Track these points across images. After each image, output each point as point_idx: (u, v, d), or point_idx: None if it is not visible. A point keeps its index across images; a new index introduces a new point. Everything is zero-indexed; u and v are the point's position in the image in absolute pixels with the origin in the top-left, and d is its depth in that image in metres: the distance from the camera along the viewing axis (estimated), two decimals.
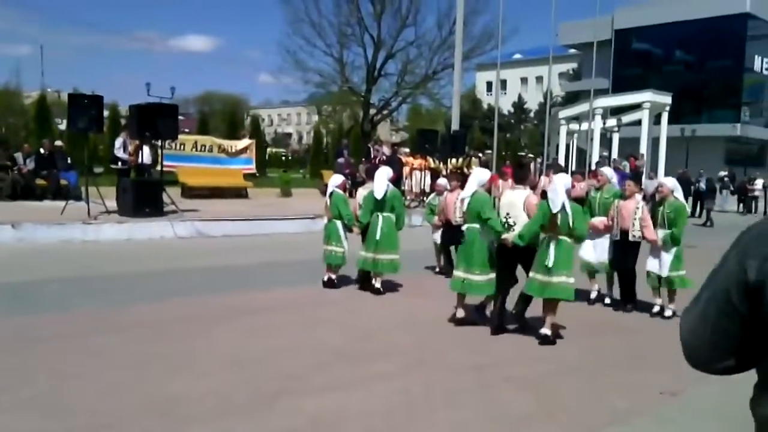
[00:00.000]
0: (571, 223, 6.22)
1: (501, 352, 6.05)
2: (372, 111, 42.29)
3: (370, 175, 8.76)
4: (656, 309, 7.72)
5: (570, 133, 37.91)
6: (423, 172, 20.59)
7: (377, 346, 6.07)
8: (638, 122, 36.40)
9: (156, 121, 13.18)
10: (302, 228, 13.83)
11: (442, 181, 10.72)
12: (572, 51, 54.00)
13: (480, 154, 22.98)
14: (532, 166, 22.22)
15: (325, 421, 4.29)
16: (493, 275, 6.73)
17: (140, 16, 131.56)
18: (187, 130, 28.86)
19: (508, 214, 6.67)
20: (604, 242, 8.13)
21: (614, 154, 34.11)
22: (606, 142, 36.45)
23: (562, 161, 31.28)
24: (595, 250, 8.17)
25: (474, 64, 45.01)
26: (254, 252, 11.30)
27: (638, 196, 8.06)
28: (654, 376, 5.45)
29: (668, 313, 7.58)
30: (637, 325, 7.30)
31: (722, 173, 29.77)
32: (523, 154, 28.91)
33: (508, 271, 6.76)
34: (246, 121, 37.19)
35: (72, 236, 11.57)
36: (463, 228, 7.07)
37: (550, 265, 6.21)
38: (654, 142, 36.67)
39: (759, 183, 27.67)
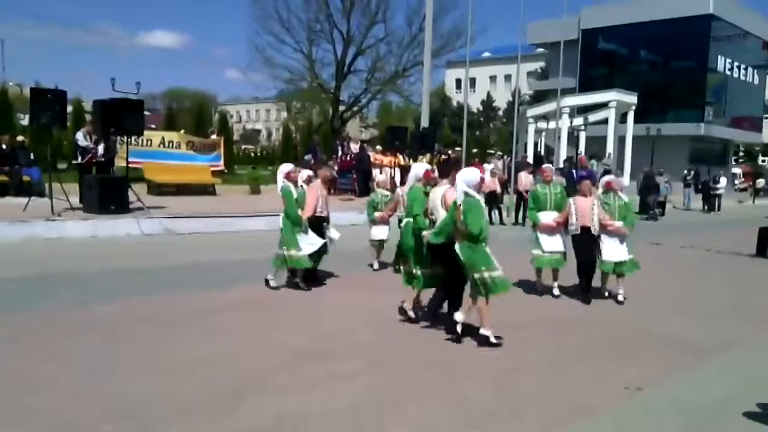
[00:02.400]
0: (462, 218, 6.08)
1: (463, 347, 6.09)
2: (342, 108, 42.23)
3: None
4: (606, 294, 8.46)
5: (538, 132, 38.26)
6: (393, 170, 20.63)
7: (341, 344, 6.06)
8: (605, 121, 36.89)
9: (121, 116, 12.99)
10: (271, 225, 13.70)
11: (381, 177, 10.72)
12: (540, 50, 54.50)
13: (449, 152, 23.08)
14: (500, 163, 22.42)
15: (291, 421, 4.27)
16: (434, 270, 6.78)
17: (106, 11, 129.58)
18: (153, 126, 28.54)
19: (431, 210, 6.76)
20: (557, 238, 8.53)
21: (581, 153, 34.52)
22: (573, 140, 36.86)
23: (531, 159, 31.61)
24: (548, 246, 8.50)
25: (443, 62, 45.18)
26: (221, 250, 11.21)
27: (594, 193, 8.58)
28: (616, 370, 5.55)
29: (621, 297, 8.26)
30: (597, 319, 7.40)
31: (686, 171, 30.31)
32: (492, 151, 29.03)
33: (440, 267, 6.75)
34: (214, 118, 36.85)
35: (35, 233, 11.35)
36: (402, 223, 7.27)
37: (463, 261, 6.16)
38: (620, 141, 37.19)
39: (723, 181, 28.23)
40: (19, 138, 17.77)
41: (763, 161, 61.93)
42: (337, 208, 13.62)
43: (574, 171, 22.14)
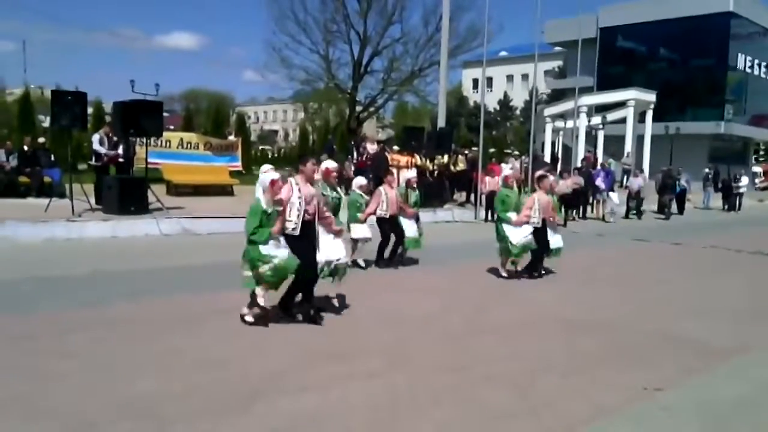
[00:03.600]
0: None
1: (480, 349, 6.07)
2: (358, 108, 42.25)
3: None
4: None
5: (555, 131, 38.07)
6: (409, 170, 20.58)
7: (358, 345, 6.06)
8: (623, 120, 36.63)
9: (140, 117, 13.11)
10: None
11: (361, 180, 10.79)
12: (558, 49, 54.14)
13: (466, 152, 23.02)
14: (518, 163, 22.32)
15: (307, 421, 4.28)
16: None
17: (125, 14, 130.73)
18: (172, 127, 28.73)
19: None
20: (524, 230, 9.59)
21: (600, 152, 34.35)
22: (591, 139, 36.65)
23: (547, 158, 31.46)
24: (515, 238, 9.53)
25: (460, 62, 45.00)
26: (239, 250, 11.24)
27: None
28: (634, 371, 5.51)
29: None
30: (613, 320, 7.35)
31: (706, 170, 30.02)
32: (509, 151, 28.96)
33: None
34: (232, 119, 37.06)
35: (56, 234, 11.49)
36: None
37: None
38: (639, 140, 36.91)
39: (744, 180, 27.92)
40: (40, 140, 18.02)
41: None
42: None
43: (592, 170, 22.06)
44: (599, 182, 20.95)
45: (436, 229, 10.87)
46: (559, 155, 33.68)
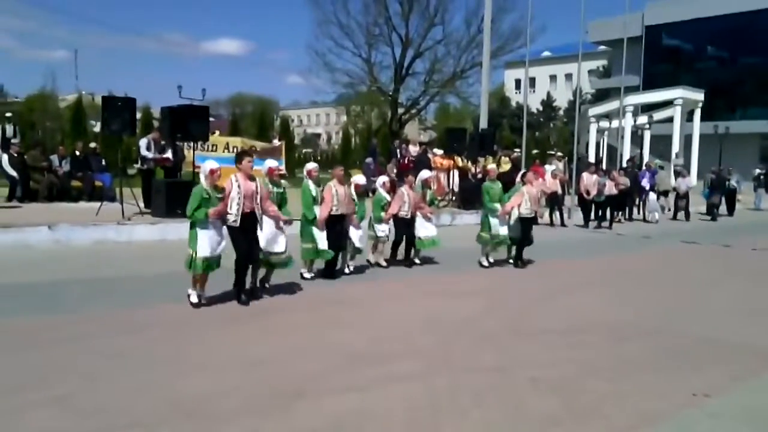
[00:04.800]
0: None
1: (524, 352, 6.04)
2: (400, 110, 42.33)
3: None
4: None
5: (600, 131, 37.55)
6: (451, 172, 20.58)
7: (398, 347, 6.08)
8: (670, 119, 35.93)
9: (187, 122, 13.34)
10: None
11: (384, 178, 10.94)
12: (602, 48, 53.44)
13: (510, 153, 22.87)
14: (561, 164, 22.08)
15: (347, 422, 4.32)
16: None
17: (173, 20, 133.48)
18: (218, 132, 29.18)
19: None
20: (504, 224, 10.46)
21: (646, 152, 33.74)
22: (637, 139, 36.04)
23: (592, 159, 31.01)
24: (498, 229, 10.41)
25: (502, 62, 44.85)
26: None
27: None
28: (682, 377, 5.41)
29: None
30: (657, 326, 7.22)
31: (757, 170, 29.20)
32: (553, 152, 28.64)
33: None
34: (276, 122, 37.50)
35: (106, 237, 11.80)
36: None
37: None
38: (686, 140, 36.17)
39: None
40: (92, 145, 18.50)
41: None
42: None
43: (639, 171, 21.69)
44: (645, 183, 20.61)
45: (479, 230, 10.85)
46: (604, 156, 33.18)
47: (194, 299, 7.31)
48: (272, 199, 7.97)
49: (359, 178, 10.06)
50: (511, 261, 10.96)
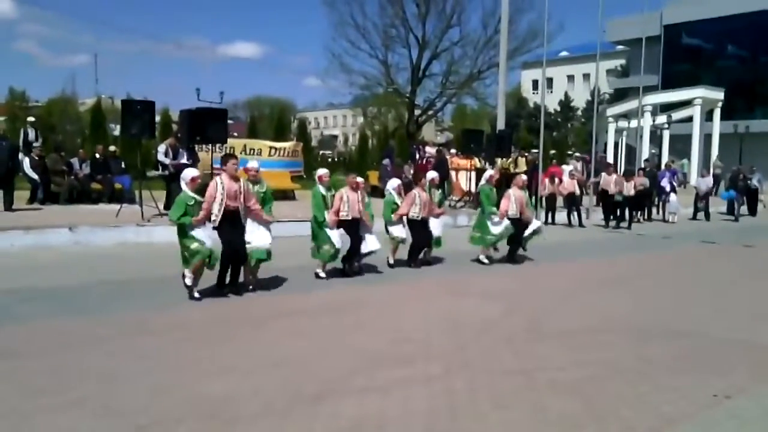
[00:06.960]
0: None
1: (543, 354, 6.01)
2: (417, 112, 42.27)
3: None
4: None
5: (619, 131, 37.29)
6: (469, 172, 20.55)
7: (419, 349, 6.07)
8: (689, 119, 35.61)
9: (206, 125, 13.43)
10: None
11: (395, 181, 11.04)
12: (620, 47, 53.05)
13: (526, 154, 22.78)
14: (579, 164, 21.97)
15: (368, 424, 4.32)
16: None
17: (191, 24, 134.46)
18: (236, 134, 29.39)
19: None
20: (499, 224, 10.76)
21: (665, 152, 33.46)
22: (656, 139, 35.76)
23: (610, 159, 30.80)
24: (494, 230, 10.73)
25: (519, 63, 44.53)
26: (301, 254, 11.42)
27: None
28: (702, 379, 5.36)
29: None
30: (677, 327, 7.16)
31: None
32: (571, 153, 28.50)
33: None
34: (293, 124, 37.62)
35: (126, 238, 11.92)
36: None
37: None
38: (706, 139, 35.82)
39: None
40: (111, 148, 18.69)
41: None
42: None
43: (658, 171, 21.53)
44: (665, 183, 20.45)
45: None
46: (622, 156, 32.95)
47: (188, 282, 7.63)
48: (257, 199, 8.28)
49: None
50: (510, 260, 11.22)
